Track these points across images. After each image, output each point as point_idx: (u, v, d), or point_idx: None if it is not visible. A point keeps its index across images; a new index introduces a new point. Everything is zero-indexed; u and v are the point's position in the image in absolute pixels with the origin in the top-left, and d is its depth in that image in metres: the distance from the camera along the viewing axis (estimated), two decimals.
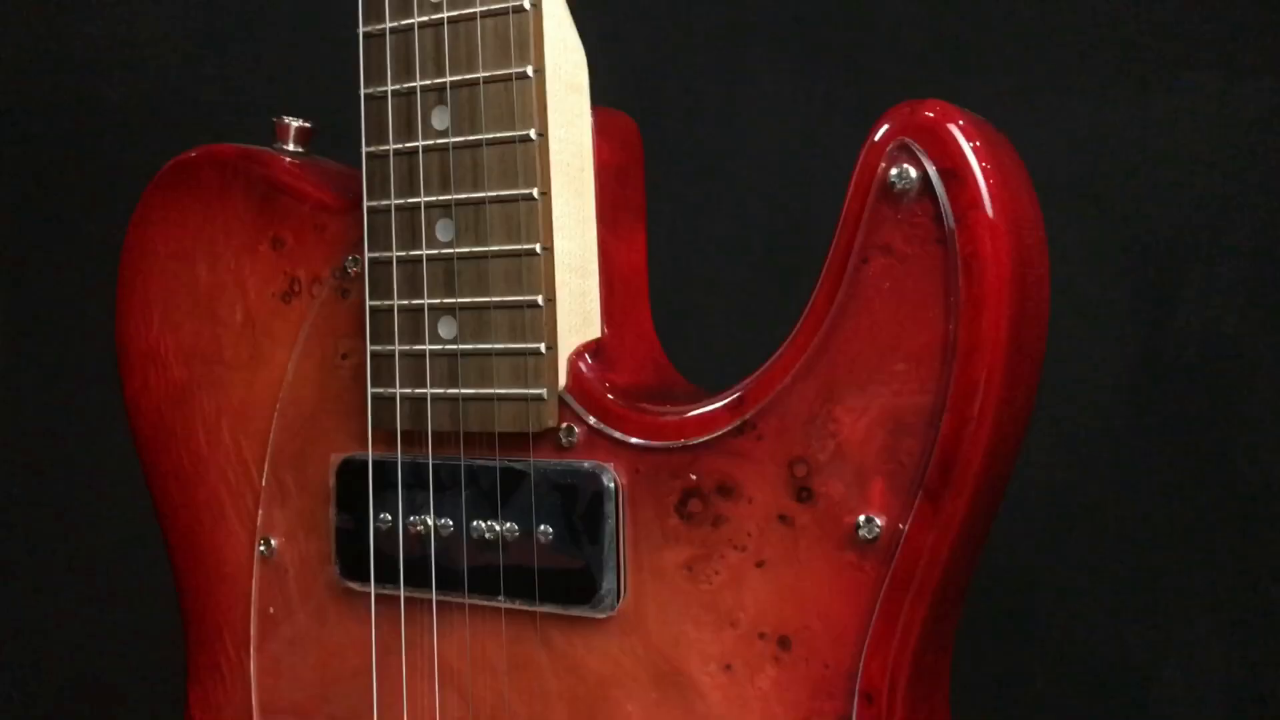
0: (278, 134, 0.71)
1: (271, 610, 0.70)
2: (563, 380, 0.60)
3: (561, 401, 0.60)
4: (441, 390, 0.62)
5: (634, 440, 0.58)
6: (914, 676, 0.54)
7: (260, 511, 0.70)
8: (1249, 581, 0.96)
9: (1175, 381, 0.98)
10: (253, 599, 0.70)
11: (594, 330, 0.62)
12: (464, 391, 0.61)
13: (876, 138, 0.52)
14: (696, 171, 1.07)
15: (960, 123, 0.51)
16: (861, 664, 0.53)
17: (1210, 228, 0.96)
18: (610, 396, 0.59)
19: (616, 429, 0.59)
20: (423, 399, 0.62)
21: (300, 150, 0.71)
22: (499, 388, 0.60)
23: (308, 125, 0.71)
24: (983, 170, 0.50)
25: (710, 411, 0.56)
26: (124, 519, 1.21)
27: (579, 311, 0.61)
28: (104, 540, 1.26)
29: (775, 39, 1.05)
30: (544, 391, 0.59)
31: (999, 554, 1.01)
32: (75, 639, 1.28)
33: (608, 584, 0.58)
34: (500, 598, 0.61)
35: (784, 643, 0.55)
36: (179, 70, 1.22)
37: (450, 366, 0.61)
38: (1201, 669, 0.97)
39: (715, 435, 0.56)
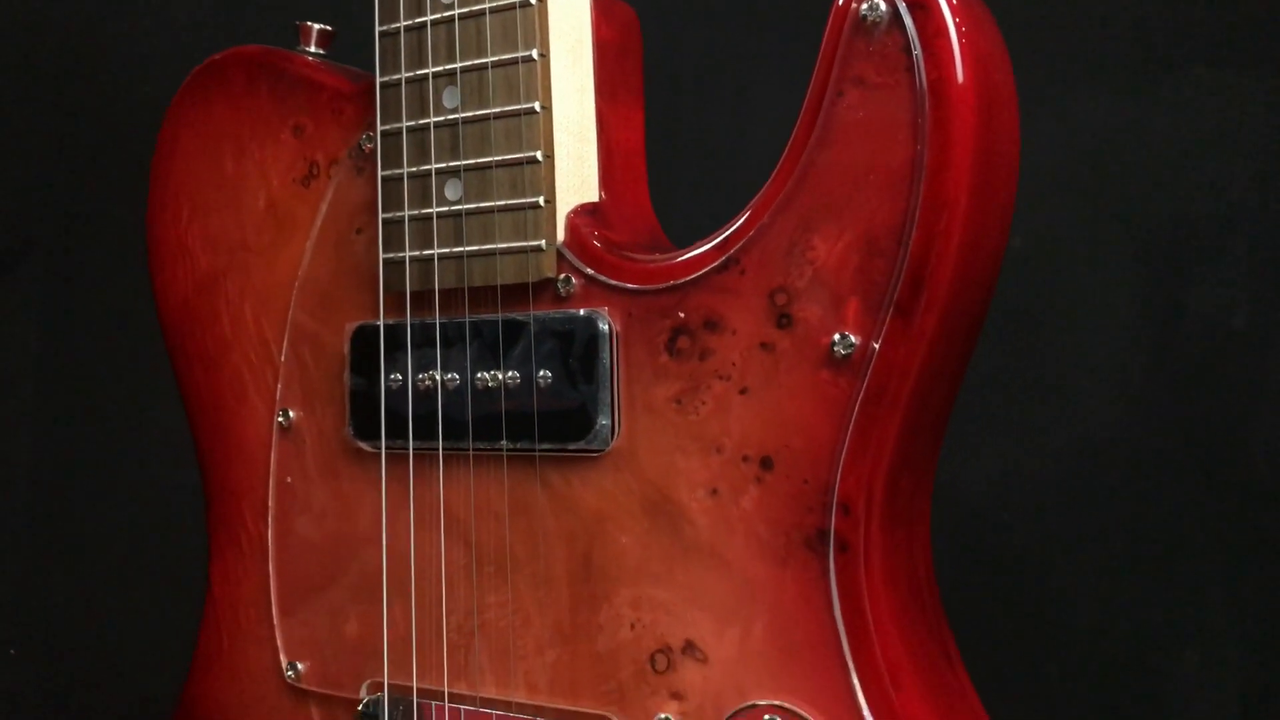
0: (300, 36, 0.75)
1: (289, 480, 0.73)
2: (561, 235, 0.64)
3: (559, 255, 0.63)
4: (448, 249, 0.65)
5: (628, 286, 0.62)
6: (889, 492, 0.57)
7: (279, 386, 0.73)
8: (1264, 570, 0.97)
9: (1186, 374, 0.99)
10: (271, 471, 0.74)
11: (592, 194, 0.65)
12: (468, 249, 0.65)
13: None
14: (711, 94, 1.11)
15: None
16: (838, 477, 0.56)
17: (1218, 222, 0.98)
18: (605, 248, 0.63)
19: (611, 277, 0.62)
20: (430, 260, 0.66)
21: (321, 52, 0.75)
22: (501, 242, 0.64)
23: (328, 29, 0.76)
24: (949, 3, 0.53)
25: (698, 254, 0.60)
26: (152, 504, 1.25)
27: (577, 173, 0.64)
28: (130, 528, 1.30)
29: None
30: (542, 243, 0.63)
31: (1013, 544, 1.04)
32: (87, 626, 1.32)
33: (603, 420, 0.61)
34: (503, 442, 0.64)
35: (766, 463, 0.58)
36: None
37: (456, 227, 0.65)
38: (1216, 657, 0.98)
39: (701, 273, 0.59)
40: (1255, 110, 0.97)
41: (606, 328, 0.62)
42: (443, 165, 0.65)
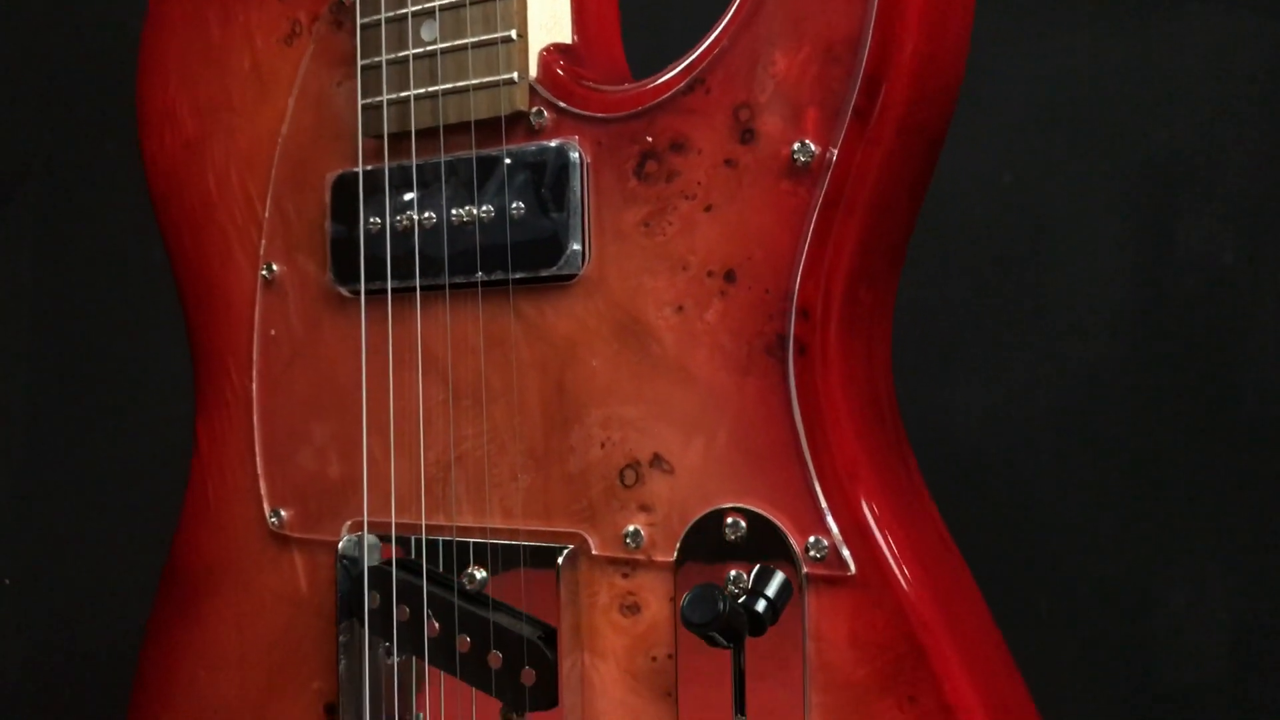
0: None
1: (273, 333, 0.75)
2: (533, 71, 0.65)
3: (532, 90, 0.65)
4: (424, 90, 0.67)
5: (597, 115, 0.63)
6: (848, 301, 0.58)
7: (263, 241, 0.75)
8: (1252, 507, 0.98)
9: (1176, 311, 1.00)
10: (255, 325, 0.76)
11: (564, 36, 0.67)
12: (443, 87, 0.66)
13: None
14: None
15: None
16: (797, 282, 0.58)
17: (1208, 158, 0.98)
18: (575, 81, 0.64)
19: (581, 108, 0.64)
20: (406, 101, 0.68)
21: None
22: (475, 78, 0.65)
23: None
24: None
25: (664, 79, 0.62)
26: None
27: (549, 11, 0.66)
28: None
29: None
30: (515, 75, 0.64)
31: (1002, 481, 1.04)
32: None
33: (574, 246, 0.63)
34: (478, 274, 0.66)
35: (729, 276, 0.59)
36: None
37: (431, 67, 0.67)
38: (1205, 594, 0.99)
39: (668, 95, 0.61)
40: (1246, 45, 0.97)
41: (577, 156, 0.63)
42: (418, 7, 0.67)
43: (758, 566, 0.59)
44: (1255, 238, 0.98)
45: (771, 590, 0.58)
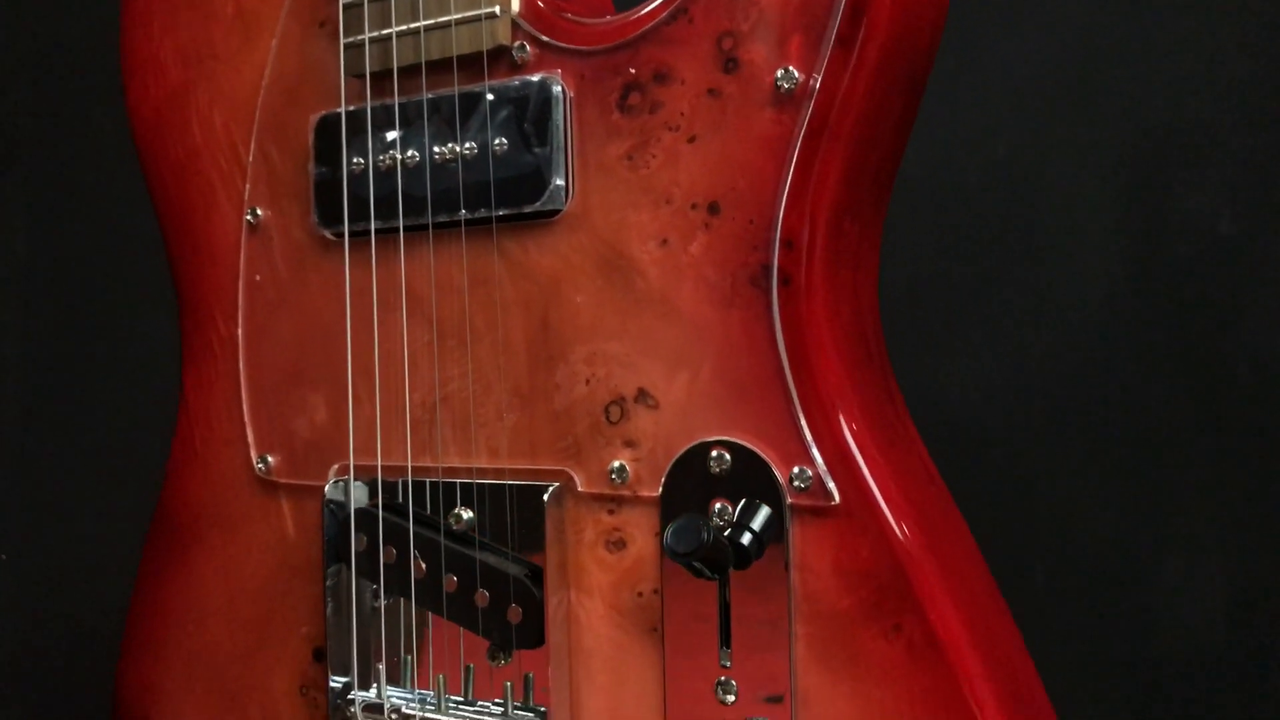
0: None
1: (258, 278, 0.75)
2: (515, 5, 0.64)
3: (514, 24, 0.64)
4: (405, 26, 0.66)
5: (580, 48, 0.63)
6: (832, 232, 0.58)
7: (247, 187, 0.75)
8: (1248, 479, 0.97)
9: (1172, 282, 0.99)
10: (240, 272, 0.75)
11: None
12: (425, 23, 0.66)
13: None
14: None
15: None
16: (781, 213, 0.57)
17: (1204, 128, 0.97)
18: (557, 14, 0.64)
19: (564, 41, 0.63)
20: (389, 39, 0.67)
21: None
22: (456, 13, 0.65)
23: None
24: None
25: (647, 10, 0.61)
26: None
27: None
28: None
29: None
30: (496, 9, 0.64)
31: (999, 452, 1.04)
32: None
33: (558, 180, 0.63)
34: (461, 211, 0.65)
35: (713, 208, 0.59)
36: None
37: (413, 3, 0.66)
38: (1201, 565, 0.99)
39: (651, 25, 0.60)
40: (1240, 15, 0.97)
41: (559, 90, 0.63)
42: None
43: (743, 500, 0.58)
44: (1252, 209, 0.97)
45: (757, 523, 0.58)
